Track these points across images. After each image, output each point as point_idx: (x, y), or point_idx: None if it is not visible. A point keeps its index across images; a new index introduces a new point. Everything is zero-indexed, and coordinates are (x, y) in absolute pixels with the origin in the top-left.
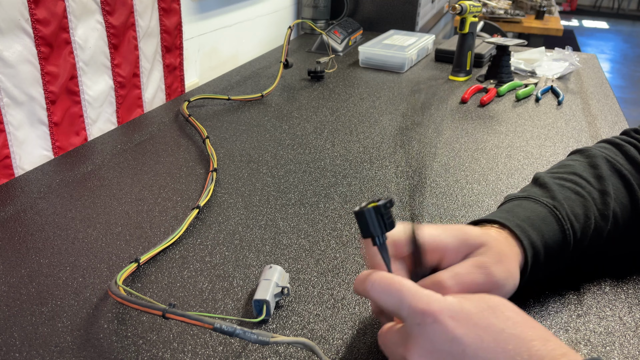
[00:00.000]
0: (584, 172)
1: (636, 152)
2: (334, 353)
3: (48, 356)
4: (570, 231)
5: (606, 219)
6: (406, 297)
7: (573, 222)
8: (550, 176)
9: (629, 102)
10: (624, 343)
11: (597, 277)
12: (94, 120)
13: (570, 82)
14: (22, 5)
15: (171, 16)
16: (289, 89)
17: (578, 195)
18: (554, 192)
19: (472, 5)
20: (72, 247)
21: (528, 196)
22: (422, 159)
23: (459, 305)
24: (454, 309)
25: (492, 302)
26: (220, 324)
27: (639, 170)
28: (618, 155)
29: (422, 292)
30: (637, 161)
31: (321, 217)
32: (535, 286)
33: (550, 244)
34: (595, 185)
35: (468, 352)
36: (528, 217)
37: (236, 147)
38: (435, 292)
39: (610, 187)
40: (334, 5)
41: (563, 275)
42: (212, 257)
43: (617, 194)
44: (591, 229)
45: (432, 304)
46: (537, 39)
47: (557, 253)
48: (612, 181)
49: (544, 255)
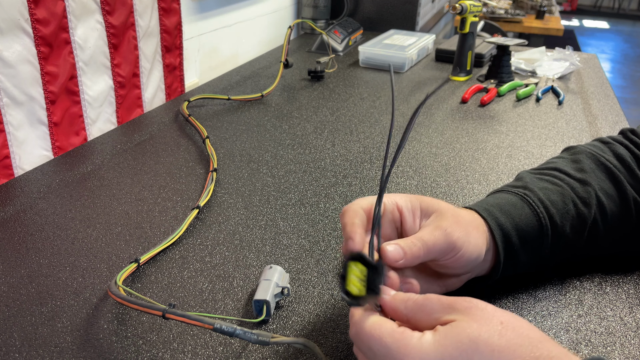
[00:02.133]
0: (566, 167)
1: (624, 150)
2: (334, 353)
3: (48, 356)
4: (545, 215)
5: (588, 205)
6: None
7: (548, 207)
8: (530, 171)
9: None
10: (624, 343)
11: (597, 277)
12: (93, 120)
13: (571, 82)
14: (22, 5)
15: (171, 16)
16: (289, 89)
17: (555, 185)
18: (527, 183)
19: (472, 5)
20: (72, 247)
21: (502, 189)
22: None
23: (437, 356)
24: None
25: (472, 329)
26: (220, 325)
27: (625, 166)
28: (605, 152)
29: (397, 349)
30: (624, 158)
31: (321, 217)
32: (536, 286)
33: (523, 227)
34: (575, 176)
35: None
36: (497, 204)
37: (236, 147)
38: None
39: (592, 178)
40: (334, 5)
41: (563, 275)
42: (212, 257)
43: (602, 185)
44: (571, 214)
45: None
46: (537, 38)
47: (535, 238)
48: (595, 173)
49: (517, 237)
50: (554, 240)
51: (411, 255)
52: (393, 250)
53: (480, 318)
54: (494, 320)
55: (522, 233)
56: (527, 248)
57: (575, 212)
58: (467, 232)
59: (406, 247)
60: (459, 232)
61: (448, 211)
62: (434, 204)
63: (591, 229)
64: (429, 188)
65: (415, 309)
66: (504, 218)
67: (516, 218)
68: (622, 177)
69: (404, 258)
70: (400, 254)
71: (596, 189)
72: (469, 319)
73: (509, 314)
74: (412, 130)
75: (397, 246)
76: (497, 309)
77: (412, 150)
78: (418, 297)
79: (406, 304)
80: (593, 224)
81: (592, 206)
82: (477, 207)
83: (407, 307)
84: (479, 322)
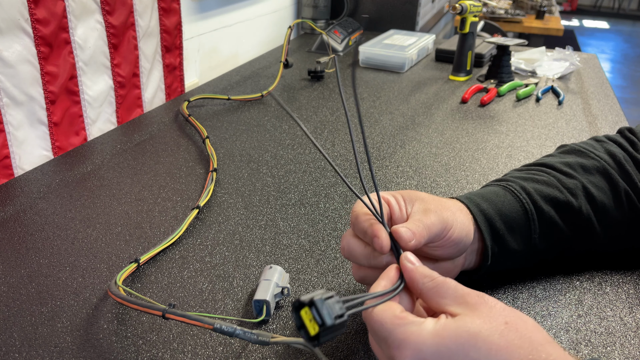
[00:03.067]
0: (553, 162)
1: (617, 148)
2: (334, 353)
3: (48, 356)
4: (528, 200)
5: (574, 194)
6: (384, 338)
7: (531, 193)
8: (517, 168)
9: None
10: (624, 343)
11: (597, 277)
12: (93, 120)
13: (571, 82)
14: (22, 5)
15: (171, 16)
16: (289, 89)
17: (540, 177)
18: (510, 176)
19: (472, 5)
20: (72, 247)
21: (485, 185)
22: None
23: (434, 346)
24: (427, 351)
25: (475, 325)
26: (220, 325)
27: (616, 161)
28: (597, 149)
29: (397, 335)
30: (615, 154)
31: (321, 217)
32: (536, 286)
33: (506, 212)
34: (562, 169)
35: None
36: (479, 193)
37: (236, 147)
38: (417, 327)
39: (579, 172)
40: (334, 5)
41: (563, 275)
42: (212, 257)
43: (590, 178)
44: (556, 201)
45: (403, 349)
46: (537, 38)
47: (521, 224)
48: (583, 168)
49: (501, 222)
50: (543, 227)
51: (419, 235)
52: (405, 231)
53: (485, 315)
54: (499, 319)
55: (506, 218)
56: (515, 234)
57: (562, 199)
58: (453, 212)
59: (413, 228)
60: (446, 212)
61: (430, 197)
62: (416, 193)
63: (584, 221)
64: (429, 188)
65: (430, 288)
66: (485, 204)
67: (499, 204)
68: (612, 171)
69: (414, 238)
70: (410, 235)
71: (583, 182)
72: (474, 315)
73: (517, 313)
74: (413, 130)
75: (406, 228)
76: (506, 308)
77: (412, 150)
78: (437, 278)
79: (424, 280)
80: (586, 216)
81: (579, 196)
82: (459, 197)
83: (424, 284)
84: (483, 319)
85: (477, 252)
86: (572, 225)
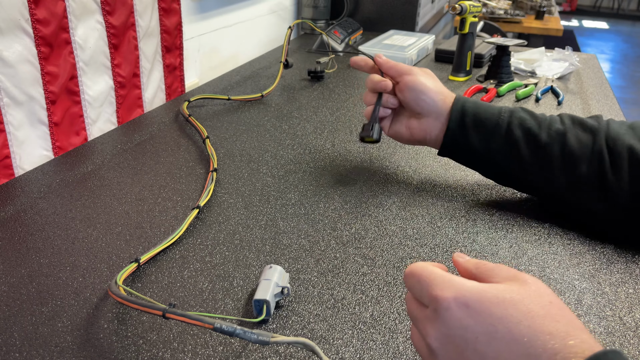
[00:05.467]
0: (566, 114)
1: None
2: (334, 353)
3: (48, 356)
4: (505, 118)
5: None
6: (426, 284)
7: (513, 116)
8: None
9: (629, 102)
10: (624, 343)
11: (597, 277)
12: (94, 120)
13: (570, 82)
14: (22, 5)
15: (171, 16)
16: (289, 89)
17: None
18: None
19: (472, 5)
20: (72, 247)
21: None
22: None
23: (477, 293)
24: (470, 297)
25: (519, 293)
26: (220, 324)
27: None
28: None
29: (442, 279)
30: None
31: (321, 217)
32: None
33: (481, 116)
34: (560, 119)
35: (481, 339)
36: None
37: (236, 147)
38: (462, 279)
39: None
40: (334, 5)
41: (563, 275)
42: (212, 257)
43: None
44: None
45: (446, 290)
46: (537, 39)
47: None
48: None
49: (472, 118)
50: (506, 144)
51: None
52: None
53: (533, 290)
54: (544, 297)
55: (478, 117)
56: (479, 134)
57: (534, 130)
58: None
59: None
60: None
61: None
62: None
63: (546, 155)
64: (429, 188)
65: (485, 271)
66: (470, 103)
67: (480, 109)
68: (602, 134)
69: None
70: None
71: (567, 131)
72: (521, 287)
73: (563, 303)
74: None
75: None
76: (553, 294)
77: (412, 150)
78: (489, 264)
79: (477, 265)
80: (549, 152)
81: (554, 138)
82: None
83: (478, 268)
84: (530, 292)
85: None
86: (532, 154)
